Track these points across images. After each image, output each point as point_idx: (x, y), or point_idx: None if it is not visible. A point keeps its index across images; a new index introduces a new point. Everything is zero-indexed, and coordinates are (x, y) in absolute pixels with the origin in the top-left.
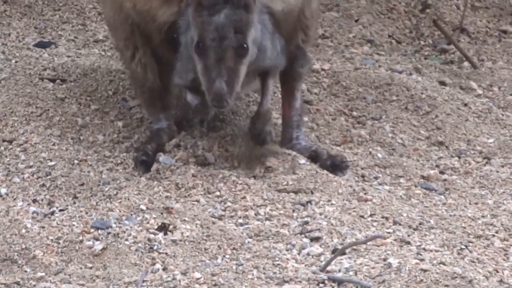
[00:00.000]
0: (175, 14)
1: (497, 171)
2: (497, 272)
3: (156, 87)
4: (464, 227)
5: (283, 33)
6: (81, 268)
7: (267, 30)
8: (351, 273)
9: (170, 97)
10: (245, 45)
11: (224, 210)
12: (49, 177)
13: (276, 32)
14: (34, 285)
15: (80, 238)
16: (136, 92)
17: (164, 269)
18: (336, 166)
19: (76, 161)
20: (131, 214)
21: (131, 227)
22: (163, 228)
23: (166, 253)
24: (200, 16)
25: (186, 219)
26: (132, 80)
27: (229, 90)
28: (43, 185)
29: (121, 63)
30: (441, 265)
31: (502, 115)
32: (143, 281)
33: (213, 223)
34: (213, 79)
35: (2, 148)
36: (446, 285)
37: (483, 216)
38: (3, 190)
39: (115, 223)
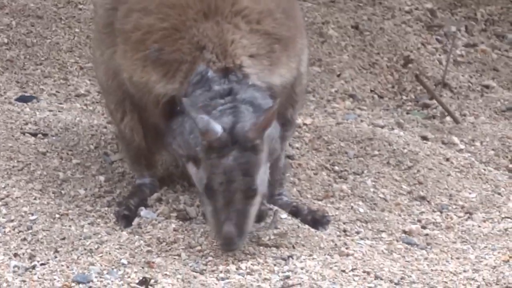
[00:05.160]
0: (176, 90)
1: (479, 226)
2: None
3: (142, 147)
4: (446, 282)
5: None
6: None
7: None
8: None
9: (155, 157)
10: (253, 187)
11: (205, 265)
12: (30, 231)
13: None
14: None
15: None
16: (121, 148)
17: None
18: (317, 221)
19: (57, 215)
20: (112, 268)
21: (112, 281)
22: (144, 282)
23: None
24: (209, 159)
25: (167, 273)
26: (119, 138)
27: (239, 233)
28: (24, 239)
29: (106, 118)
30: None
31: (484, 170)
32: None
33: (194, 277)
34: (222, 222)
35: None
36: None
37: (464, 271)
38: None
39: (96, 277)
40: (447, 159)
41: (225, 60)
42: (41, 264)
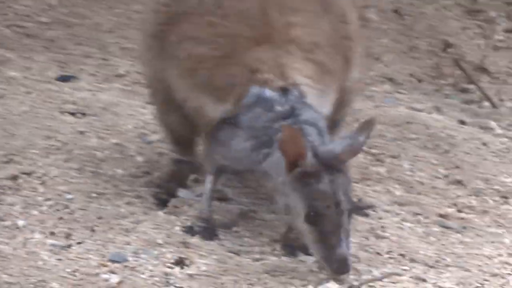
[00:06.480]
0: (227, 112)
1: None
2: None
3: (184, 135)
4: (480, 266)
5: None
6: None
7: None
8: None
9: (195, 141)
10: (353, 207)
11: (241, 245)
12: (67, 210)
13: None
14: None
15: (97, 271)
16: (162, 131)
17: None
18: (359, 209)
19: (94, 195)
20: (148, 248)
21: (147, 261)
22: (180, 262)
23: (182, 287)
24: (307, 185)
25: (203, 253)
26: (160, 124)
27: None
28: (61, 218)
29: (145, 99)
30: None
31: None
32: None
33: (230, 258)
34: (334, 246)
35: (21, 180)
36: None
37: (499, 255)
38: (21, 222)
39: (131, 256)
40: (484, 144)
41: (282, 78)
42: (77, 243)
